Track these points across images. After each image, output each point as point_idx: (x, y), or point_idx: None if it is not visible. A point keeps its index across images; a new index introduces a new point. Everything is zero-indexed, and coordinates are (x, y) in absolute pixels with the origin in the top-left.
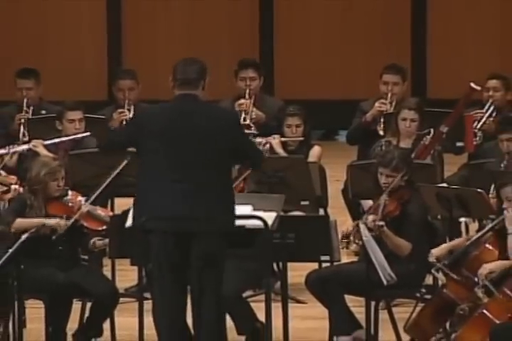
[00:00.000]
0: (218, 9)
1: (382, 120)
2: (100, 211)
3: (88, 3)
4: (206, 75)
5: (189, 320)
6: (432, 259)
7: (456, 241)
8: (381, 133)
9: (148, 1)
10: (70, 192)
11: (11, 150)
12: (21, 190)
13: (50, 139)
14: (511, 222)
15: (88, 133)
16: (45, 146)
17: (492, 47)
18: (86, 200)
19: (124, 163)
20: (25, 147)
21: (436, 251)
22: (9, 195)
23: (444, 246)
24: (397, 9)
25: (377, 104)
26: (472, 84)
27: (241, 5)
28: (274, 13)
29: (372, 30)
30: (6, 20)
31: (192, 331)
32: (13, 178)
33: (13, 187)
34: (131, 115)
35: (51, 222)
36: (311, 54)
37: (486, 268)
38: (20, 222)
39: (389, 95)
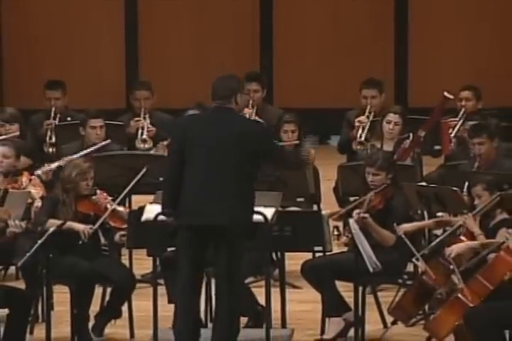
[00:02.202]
0: (223, 28)
1: (367, 127)
2: (123, 210)
3: (108, 23)
4: (239, 91)
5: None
6: (400, 233)
7: (425, 222)
8: (363, 138)
9: (162, 22)
10: (98, 191)
11: (46, 169)
12: (41, 193)
13: (78, 152)
14: (474, 226)
15: (109, 141)
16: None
17: (465, 62)
18: (113, 200)
19: (143, 171)
20: (57, 163)
21: (405, 227)
22: (33, 207)
23: (414, 223)
24: (382, 28)
25: (356, 124)
26: (446, 93)
27: (243, 24)
28: (273, 31)
29: (360, 47)
30: (36, 38)
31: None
32: (38, 193)
33: (35, 203)
34: (146, 122)
35: (79, 227)
36: (306, 68)
37: (452, 251)
38: (51, 223)
39: (368, 107)
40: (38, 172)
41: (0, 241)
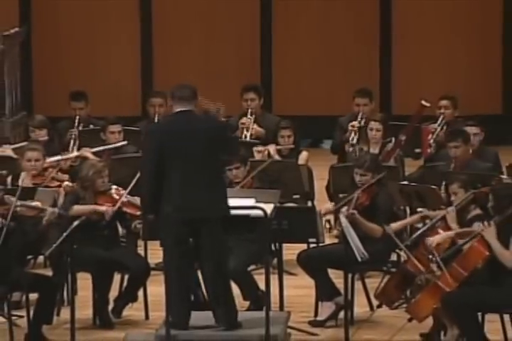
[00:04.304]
0: (228, 44)
1: (356, 133)
2: (138, 200)
3: (126, 40)
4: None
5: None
6: (390, 232)
7: (411, 218)
8: (354, 141)
9: (173, 38)
10: (113, 187)
11: (65, 157)
12: (70, 184)
13: (96, 147)
14: (452, 221)
15: (125, 142)
16: (93, 153)
17: (443, 74)
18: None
19: (138, 175)
20: (76, 153)
21: (394, 225)
22: (62, 189)
23: (401, 222)
24: (368, 44)
25: (350, 128)
26: (423, 102)
27: (246, 42)
28: (273, 46)
29: (349, 61)
30: (62, 52)
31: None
32: (65, 176)
33: (64, 183)
34: None
35: (101, 208)
36: (301, 79)
37: (433, 241)
38: (77, 208)
39: (360, 113)
40: (55, 158)
41: (35, 230)
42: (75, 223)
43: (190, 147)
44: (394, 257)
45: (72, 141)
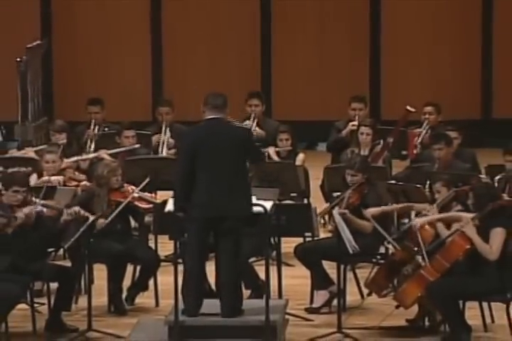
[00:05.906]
0: (231, 55)
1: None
2: (148, 195)
3: (138, 51)
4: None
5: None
6: (368, 215)
7: (392, 206)
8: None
9: (181, 50)
10: (125, 184)
11: (83, 157)
12: (88, 184)
13: (112, 149)
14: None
15: (138, 145)
16: (109, 154)
17: (428, 82)
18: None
19: (147, 180)
20: (94, 154)
21: (371, 210)
22: (79, 188)
23: (378, 208)
24: (359, 54)
25: (349, 127)
26: (408, 107)
27: (248, 53)
28: (272, 57)
29: (341, 70)
30: (79, 62)
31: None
32: (83, 176)
33: (82, 183)
34: (166, 137)
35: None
36: (298, 87)
37: (417, 222)
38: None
39: (356, 117)
40: (75, 158)
41: (54, 227)
42: (91, 219)
43: (217, 150)
44: (382, 250)
45: (88, 141)
